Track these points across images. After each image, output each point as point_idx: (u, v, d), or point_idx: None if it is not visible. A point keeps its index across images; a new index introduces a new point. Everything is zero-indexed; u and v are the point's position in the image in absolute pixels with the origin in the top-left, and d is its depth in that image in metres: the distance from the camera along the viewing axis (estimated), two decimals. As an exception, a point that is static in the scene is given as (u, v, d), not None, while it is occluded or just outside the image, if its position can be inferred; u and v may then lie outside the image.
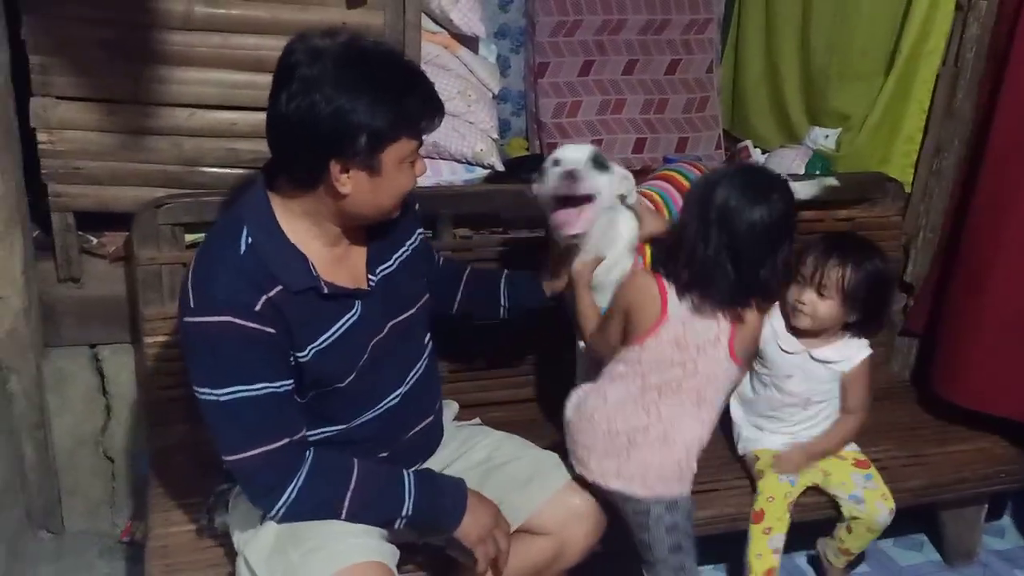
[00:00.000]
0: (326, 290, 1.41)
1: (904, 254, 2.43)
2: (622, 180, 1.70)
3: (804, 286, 1.83)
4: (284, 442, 1.37)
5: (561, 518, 1.59)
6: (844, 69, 2.68)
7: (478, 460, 1.67)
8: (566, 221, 1.61)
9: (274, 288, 1.35)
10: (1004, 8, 2.17)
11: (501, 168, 2.36)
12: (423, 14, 2.08)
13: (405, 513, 1.45)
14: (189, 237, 1.89)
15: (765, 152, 2.91)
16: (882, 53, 2.53)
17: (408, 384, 1.57)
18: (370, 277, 1.50)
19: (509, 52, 3.05)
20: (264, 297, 1.34)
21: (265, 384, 1.35)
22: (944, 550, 2.27)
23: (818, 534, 2.01)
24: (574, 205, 1.61)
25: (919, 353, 2.45)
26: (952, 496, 2.11)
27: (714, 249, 1.53)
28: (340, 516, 1.41)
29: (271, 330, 1.34)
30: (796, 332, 1.88)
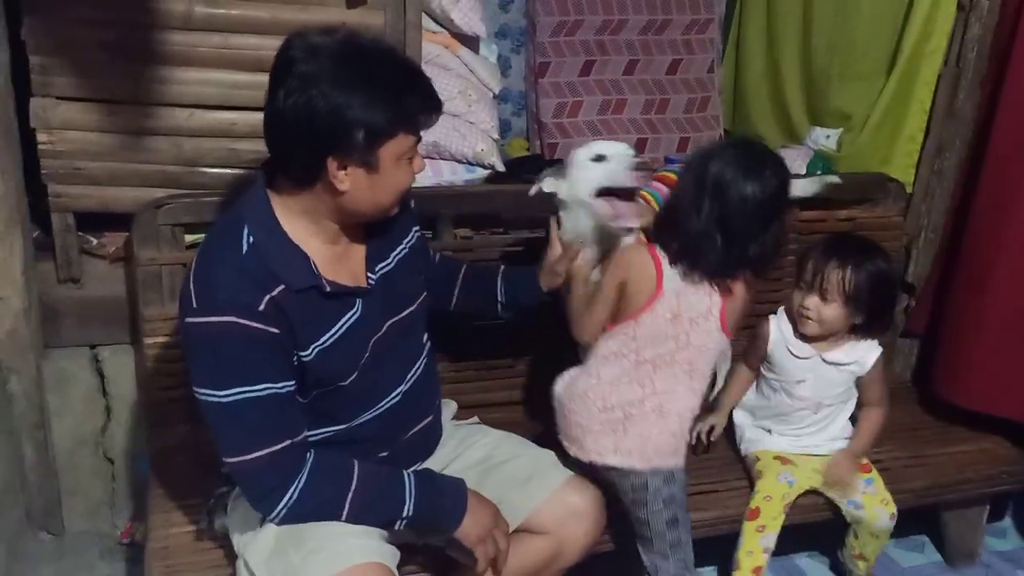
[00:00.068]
0: (328, 288, 1.41)
1: (906, 254, 2.43)
2: None
3: (807, 291, 1.83)
4: (286, 443, 1.37)
5: (560, 517, 1.59)
6: (845, 69, 2.68)
7: (477, 459, 1.67)
8: (626, 213, 1.63)
9: (277, 287, 1.35)
10: (1006, 8, 2.16)
11: (502, 168, 2.36)
12: (424, 14, 2.08)
13: (406, 514, 1.44)
14: (189, 238, 1.89)
15: (766, 152, 2.90)
16: (883, 53, 2.52)
17: (408, 383, 1.57)
18: (369, 276, 1.50)
19: (510, 52, 3.04)
20: (267, 296, 1.33)
21: (268, 385, 1.35)
22: (946, 551, 2.27)
23: (818, 535, 2.01)
24: (620, 198, 1.63)
25: (920, 354, 2.45)
26: (954, 497, 2.11)
27: (705, 220, 1.54)
28: (341, 517, 1.41)
29: (275, 330, 1.34)
30: (805, 338, 1.88)
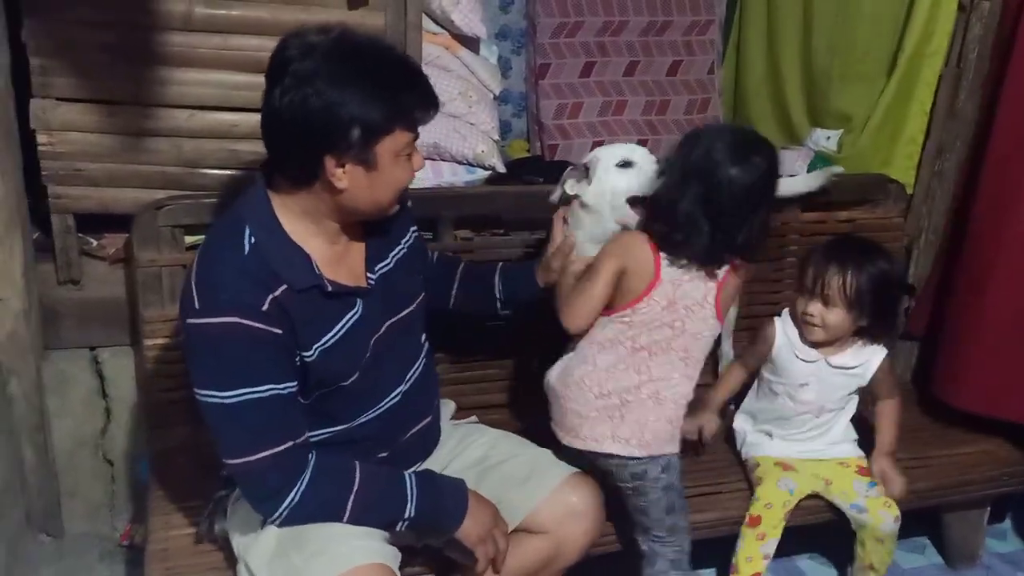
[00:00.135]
0: (330, 288, 1.41)
1: (906, 256, 2.43)
2: None
3: (809, 298, 1.82)
4: (289, 445, 1.37)
5: (559, 516, 1.59)
6: (846, 70, 2.67)
7: (475, 459, 1.67)
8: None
9: (279, 287, 1.35)
10: (1007, 9, 2.16)
11: (502, 169, 2.35)
12: (424, 15, 2.08)
13: (408, 515, 1.44)
14: (189, 239, 1.88)
15: (767, 153, 2.90)
16: (884, 54, 2.52)
17: (408, 382, 1.57)
18: (369, 276, 1.50)
19: (510, 53, 3.04)
20: (270, 297, 1.33)
21: (271, 386, 1.35)
22: (947, 553, 2.26)
23: (819, 537, 2.00)
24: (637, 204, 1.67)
25: (921, 355, 2.45)
26: (955, 499, 2.11)
27: (689, 203, 1.54)
28: (343, 519, 1.41)
29: (278, 330, 1.34)
30: (810, 342, 1.87)
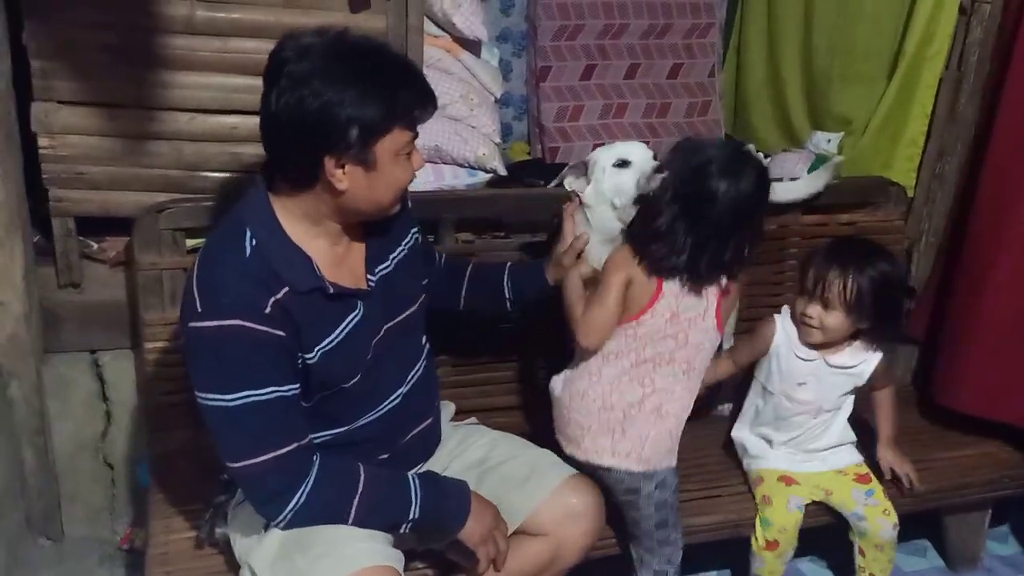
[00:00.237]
0: (331, 290, 1.41)
1: (907, 259, 2.42)
2: None
3: (809, 300, 1.82)
4: (293, 447, 1.37)
5: (558, 518, 1.59)
6: (846, 71, 2.67)
7: (475, 460, 1.67)
8: None
9: (281, 290, 1.35)
10: (1007, 12, 2.17)
11: (504, 172, 2.35)
12: (425, 18, 2.08)
13: (412, 516, 1.44)
14: (190, 242, 1.88)
15: (767, 156, 2.90)
16: (885, 56, 2.52)
17: (409, 384, 1.57)
18: (369, 278, 1.50)
19: (511, 56, 3.03)
20: (273, 299, 1.33)
21: (274, 388, 1.35)
22: (948, 555, 2.27)
23: (819, 540, 2.00)
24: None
25: (921, 357, 2.45)
26: (956, 501, 2.11)
27: (670, 218, 1.55)
28: (347, 521, 1.41)
29: (280, 333, 1.34)
30: (807, 344, 1.87)
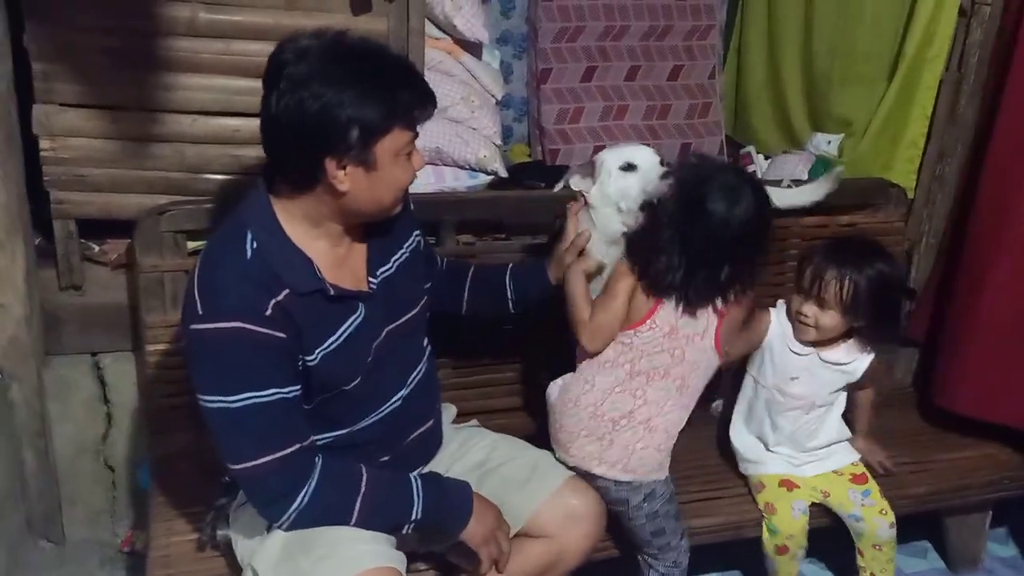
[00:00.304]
0: (332, 292, 1.41)
1: (907, 260, 2.43)
2: None
3: (805, 298, 1.81)
4: (295, 448, 1.37)
5: (560, 520, 1.59)
6: (847, 72, 2.68)
7: (476, 462, 1.67)
8: None
9: (282, 292, 1.35)
10: (1007, 13, 2.17)
11: (504, 174, 2.36)
12: (427, 20, 2.08)
13: (414, 517, 1.44)
14: (191, 244, 1.88)
15: (768, 158, 2.91)
16: (885, 58, 2.53)
17: (410, 387, 1.57)
18: (370, 280, 1.50)
19: (511, 58, 3.04)
20: (273, 301, 1.33)
21: (276, 390, 1.35)
22: (948, 557, 2.27)
23: (819, 542, 2.00)
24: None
25: (922, 359, 2.45)
26: (956, 503, 2.11)
27: (667, 240, 1.56)
28: (350, 522, 1.41)
29: (281, 335, 1.34)
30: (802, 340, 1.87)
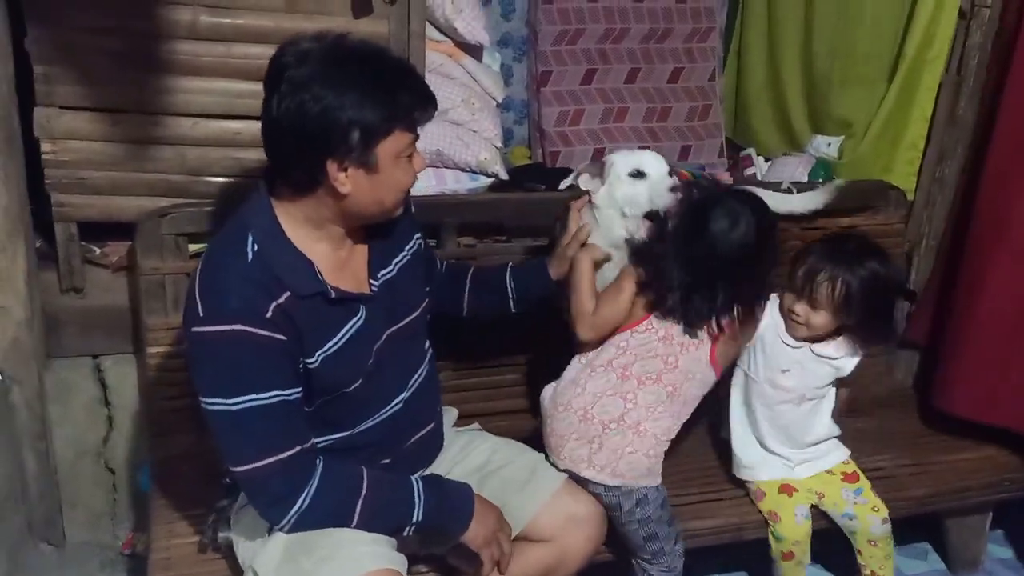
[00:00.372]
0: (333, 295, 1.41)
1: (907, 262, 2.43)
2: None
3: (797, 297, 1.82)
4: (296, 450, 1.37)
5: (560, 523, 1.59)
6: (847, 74, 2.68)
7: (476, 465, 1.67)
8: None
9: (283, 294, 1.35)
10: (1006, 16, 2.17)
11: (505, 177, 2.36)
12: (427, 23, 2.08)
13: (415, 519, 1.44)
14: (193, 247, 1.89)
15: (768, 160, 2.91)
16: (885, 59, 2.53)
17: (411, 389, 1.57)
18: (372, 282, 1.50)
19: (512, 61, 3.04)
20: (274, 304, 1.34)
21: (277, 392, 1.35)
22: (948, 558, 2.27)
23: (818, 545, 2.00)
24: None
25: (922, 361, 2.45)
26: (956, 504, 2.11)
27: (671, 261, 1.58)
28: (351, 524, 1.41)
29: (282, 337, 1.34)
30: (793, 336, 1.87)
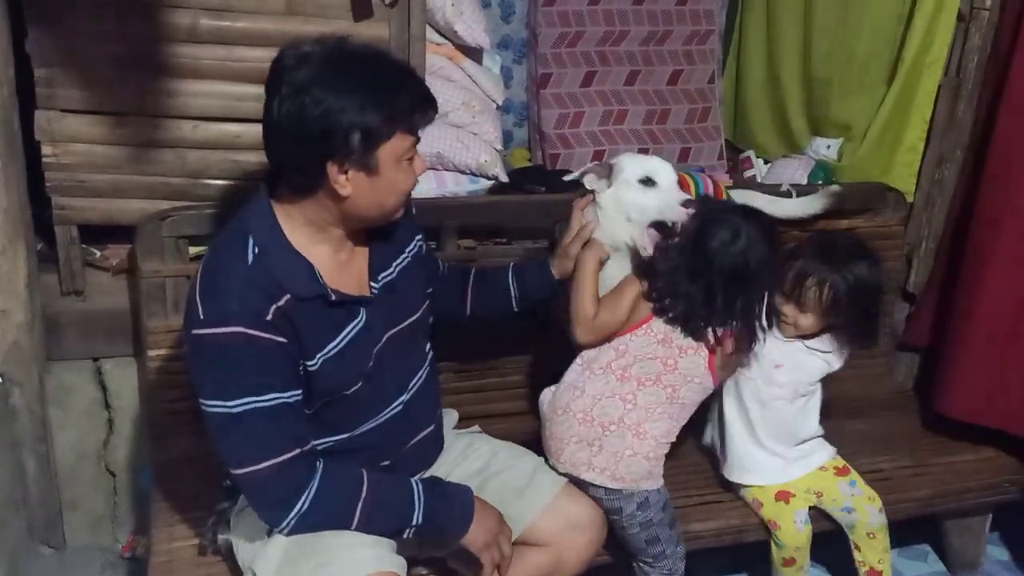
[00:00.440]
0: (333, 297, 1.41)
1: (907, 264, 2.43)
2: None
3: (785, 299, 1.83)
4: (295, 453, 1.37)
5: (559, 528, 1.59)
6: (846, 79, 2.69)
7: (476, 469, 1.67)
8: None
9: (283, 297, 1.35)
10: (1005, 18, 2.18)
11: (505, 179, 2.36)
12: (428, 25, 2.08)
13: (415, 521, 1.45)
14: (193, 249, 1.89)
15: (767, 162, 2.92)
16: (884, 63, 2.53)
17: (410, 392, 1.58)
18: (372, 285, 1.50)
19: (511, 63, 3.04)
20: (274, 306, 1.34)
21: (276, 395, 1.35)
22: (948, 560, 2.28)
23: (818, 547, 2.00)
24: (659, 229, 1.65)
25: (922, 364, 2.45)
26: (956, 506, 2.12)
27: (680, 272, 1.59)
28: (351, 527, 1.41)
29: (282, 339, 1.34)
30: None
